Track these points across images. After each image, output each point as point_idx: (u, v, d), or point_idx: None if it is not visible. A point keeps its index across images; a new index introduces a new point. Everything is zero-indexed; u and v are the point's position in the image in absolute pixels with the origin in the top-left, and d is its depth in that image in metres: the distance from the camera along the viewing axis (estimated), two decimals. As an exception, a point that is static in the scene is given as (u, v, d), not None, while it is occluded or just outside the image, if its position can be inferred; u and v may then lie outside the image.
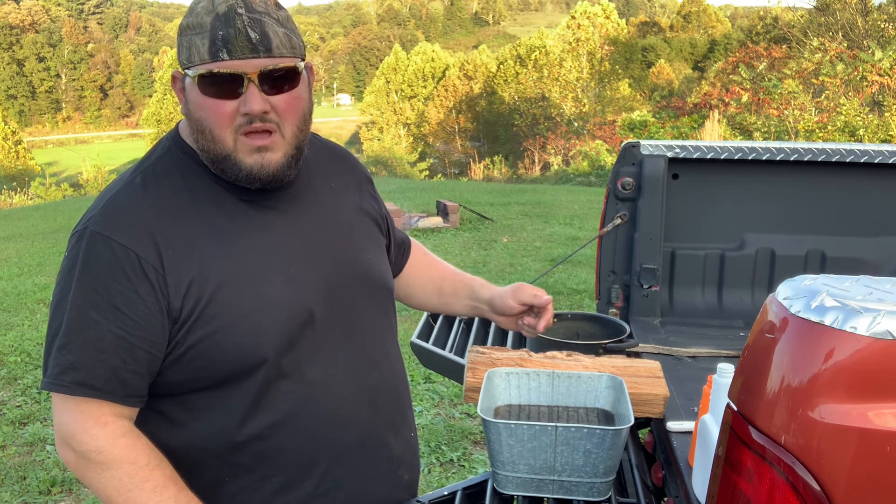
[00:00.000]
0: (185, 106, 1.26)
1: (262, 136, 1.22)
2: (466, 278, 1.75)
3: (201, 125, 1.22)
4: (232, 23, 1.17)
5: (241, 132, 1.21)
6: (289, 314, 1.27)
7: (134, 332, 1.19)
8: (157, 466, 1.21)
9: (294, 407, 1.29)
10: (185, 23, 1.21)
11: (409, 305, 1.78)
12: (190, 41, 1.20)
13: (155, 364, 1.23)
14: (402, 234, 1.72)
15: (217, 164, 1.25)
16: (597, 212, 11.03)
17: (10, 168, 32.43)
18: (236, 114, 1.20)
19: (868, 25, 21.78)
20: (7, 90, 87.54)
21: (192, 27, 1.19)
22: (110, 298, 1.18)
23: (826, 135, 16.50)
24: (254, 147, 1.22)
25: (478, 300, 1.69)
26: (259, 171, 1.23)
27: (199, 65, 1.19)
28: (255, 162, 1.23)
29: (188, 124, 1.28)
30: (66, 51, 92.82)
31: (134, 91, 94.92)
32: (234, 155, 1.23)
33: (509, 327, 1.70)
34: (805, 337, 0.92)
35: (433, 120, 47.03)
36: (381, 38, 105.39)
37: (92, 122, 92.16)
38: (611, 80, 37.90)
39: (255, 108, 1.19)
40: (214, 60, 1.18)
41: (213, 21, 1.17)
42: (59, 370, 1.19)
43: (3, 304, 6.78)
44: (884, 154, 2.42)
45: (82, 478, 1.22)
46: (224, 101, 1.20)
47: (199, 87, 1.20)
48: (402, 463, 1.46)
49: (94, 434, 1.19)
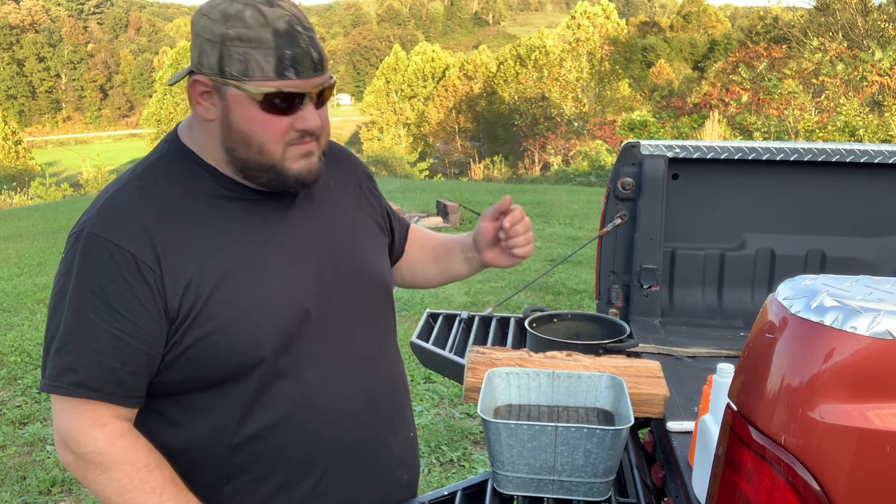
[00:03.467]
0: (221, 114, 1.23)
1: (307, 143, 1.26)
2: (454, 237, 1.70)
3: (251, 138, 1.22)
4: (296, 42, 1.18)
5: (289, 144, 1.24)
6: (287, 313, 1.27)
7: (131, 333, 1.19)
8: (157, 467, 1.21)
9: (292, 406, 1.29)
10: (234, 33, 1.17)
11: (415, 286, 1.74)
12: (246, 54, 1.17)
13: (153, 364, 1.22)
14: (404, 221, 1.70)
15: (253, 172, 1.25)
16: (597, 212, 11.03)
17: (10, 168, 32.46)
18: (290, 129, 1.23)
19: (868, 25, 21.79)
20: (7, 90, 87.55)
21: (247, 39, 1.17)
22: (107, 300, 1.18)
23: (826, 135, 16.51)
24: (301, 153, 1.25)
25: (468, 250, 1.64)
26: (307, 175, 1.27)
27: (261, 81, 1.18)
28: (303, 167, 1.26)
29: (222, 133, 1.25)
30: (66, 51, 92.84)
31: (134, 91, 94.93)
32: (281, 164, 1.24)
33: (503, 262, 1.59)
34: (805, 337, 0.92)
35: (433, 120, 47.04)
36: (381, 38, 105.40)
37: (92, 122, 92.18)
38: (611, 80, 37.90)
39: (314, 125, 1.23)
40: (280, 79, 1.18)
41: (274, 37, 1.17)
42: (58, 371, 1.19)
43: (3, 304, 6.78)
44: (884, 154, 2.42)
45: (82, 479, 1.22)
46: (281, 118, 1.21)
47: (261, 104, 1.19)
48: (402, 463, 1.46)
49: (93, 435, 1.19)
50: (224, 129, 1.23)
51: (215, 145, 1.26)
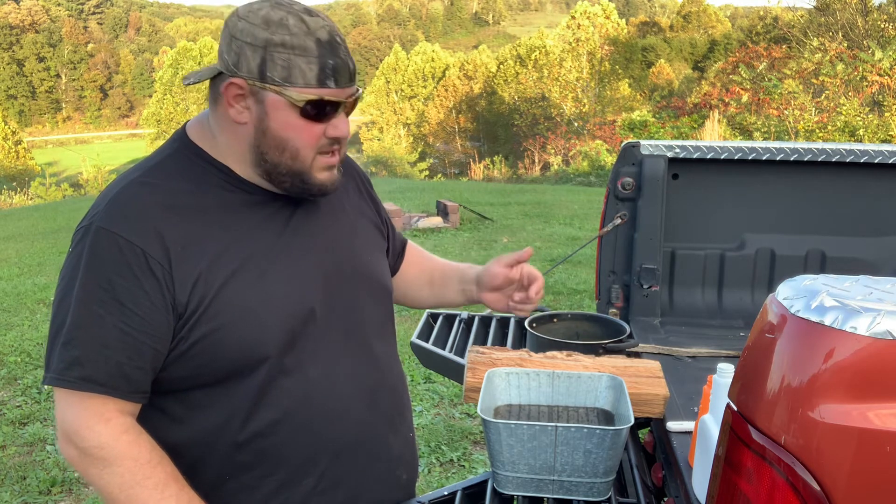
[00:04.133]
0: (256, 118, 1.25)
1: (333, 155, 1.31)
2: (455, 265, 1.73)
3: (285, 143, 1.25)
4: (336, 52, 1.22)
5: (320, 151, 1.28)
6: (292, 311, 1.28)
7: (139, 328, 1.19)
8: (159, 463, 1.21)
9: (295, 405, 1.30)
10: (279, 39, 1.19)
11: (405, 304, 1.77)
12: (289, 60, 1.19)
13: (159, 360, 1.23)
14: (400, 236, 1.73)
15: (281, 177, 1.28)
16: (597, 212, 11.03)
17: (10, 168, 32.48)
18: (322, 136, 1.27)
19: (868, 25, 21.78)
20: (7, 90, 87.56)
21: (290, 46, 1.19)
22: (115, 294, 1.19)
23: (826, 135, 16.51)
24: (329, 165, 1.31)
25: (466, 282, 1.66)
26: (330, 186, 1.33)
27: (303, 88, 1.21)
28: (328, 178, 1.31)
29: (252, 136, 1.26)
30: (66, 51, 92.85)
31: (134, 91, 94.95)
32: (309, 172, 1.29)
33: (500, 307, 1.63)
34: (805, 337, 0.92)
35: (433, 120, 47.04)
36: (381, 38, 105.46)
37: (92, 122, 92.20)
38: (611, 80, 37.91)
39: (344, 132, 1.29)
40: (322, 87, 1.22)
41: (317, 47, 1.20)
42: (64, 365, 1.19)
43: (3, 304, 6.78)
44: (884, 154, 2.42)
45: (84, 474, 1.23)
46: (317, 125, 1.25)
47: (301, 110, 1.23)
48: (401, 462, 1.46)
49: (97, 430, 1.19)
50: (258, 132, 1.26)
51: (242, 147, 1.28)
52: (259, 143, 1.26)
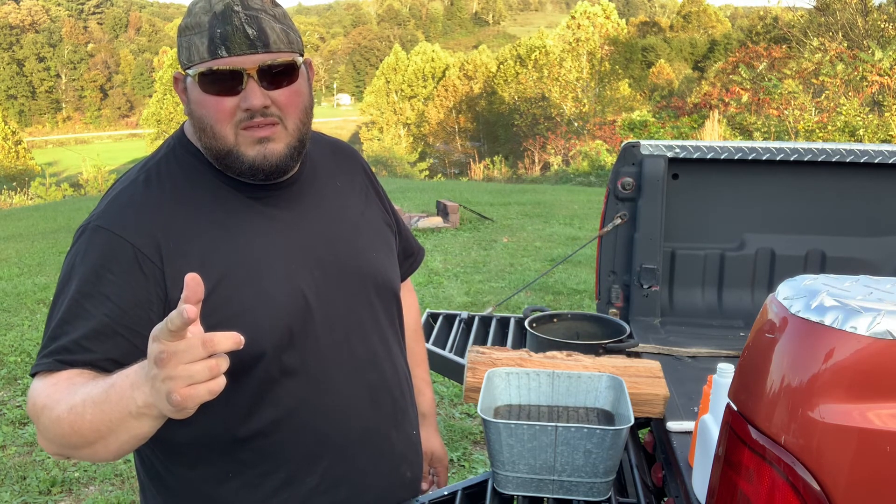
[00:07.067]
0: (187, 106, 1.27)
1: (264, 128, 1.23)
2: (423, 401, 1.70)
3: (203, 122, 1.24)
4: (229, 20, 1.18)
5: (241, 126, 1.23)
6: (287, 310, 1.28)
7: (118, 320, 1.18)
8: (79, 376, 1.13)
9: (296, 403, 1.29)
10: (184, 24, 1.22)
11: None
12: (189, 41, 1.21)
13: (134, 355, 1.15)
14: (414, 244, 1.68)
15: (221, 161, 1.26)
16: (597, 212, 11.04)
17: (10, 168, 32.49)
18: (237, 109, 1.21)
19: (868, 25, 21.78)
20: (7, 90, 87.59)
21: (191, 27, 1.21)
22: (101, 287, 1.18)
23: (826, 135, 16.50)
24: (255, 139, 1.23)
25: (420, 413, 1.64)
26: (262, 161, 1.24)
27: (198, 63, 1.20)
28: (258, 153, 1.24)
29: (191, 123, 1.29)
30: (66, 51, 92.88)
31: (134, 91, 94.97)
32: (236, 149, 1.23)
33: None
34: (805, 337, 0.92)
35: (433, 120, 47.04)
36: (381, 38, 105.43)
37: (92, 122, 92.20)
38: (611, 80, 37.91)
39: (255, 103, 1.20)
40: (214, 58, 1.19)
41: (210, 20, 1.19)
42: (44, 355, 1.18)
43: (3, 304, 6.78)
44: (884, 154, 2.42)
45: (46, 446, 1.14)
46: (224, 98, 1.21)
47: (200, 85, 1.21)
48: (405, 460, 1.46)
49: (31, 389, 1.14)
50: (191, 118, 1.27)
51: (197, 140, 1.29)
52: (195, 130, 1.27)
